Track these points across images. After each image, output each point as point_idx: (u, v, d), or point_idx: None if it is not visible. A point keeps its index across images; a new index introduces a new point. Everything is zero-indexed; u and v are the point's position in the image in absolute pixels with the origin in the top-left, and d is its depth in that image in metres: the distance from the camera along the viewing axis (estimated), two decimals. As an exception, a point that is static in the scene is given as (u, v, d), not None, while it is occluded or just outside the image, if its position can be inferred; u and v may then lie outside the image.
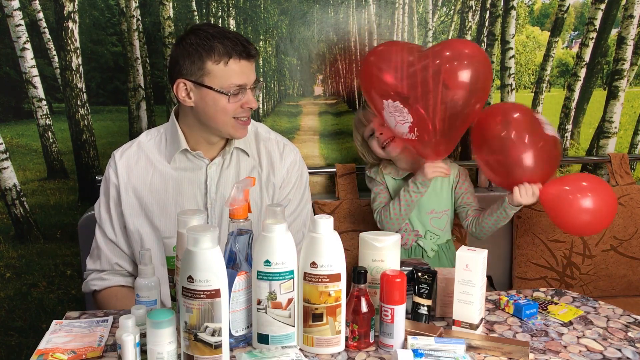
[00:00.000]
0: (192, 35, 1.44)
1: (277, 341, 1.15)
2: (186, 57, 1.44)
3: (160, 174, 1.56)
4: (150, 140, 1.60)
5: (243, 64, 1.45)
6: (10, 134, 2.09)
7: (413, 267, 1.30)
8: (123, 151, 1.59)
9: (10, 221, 2.13)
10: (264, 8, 2.13)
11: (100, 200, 1.60)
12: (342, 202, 2.11)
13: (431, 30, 2.22)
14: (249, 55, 1.45)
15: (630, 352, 1.19)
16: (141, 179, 1.55)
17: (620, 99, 2.37)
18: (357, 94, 2.25)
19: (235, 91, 1.45)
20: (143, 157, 1.57)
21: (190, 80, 1.45)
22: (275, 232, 1.12)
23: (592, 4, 2.28)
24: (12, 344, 2.19)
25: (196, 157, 1.55)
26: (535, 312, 1.35)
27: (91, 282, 1.59)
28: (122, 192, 1.55)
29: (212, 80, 1.44)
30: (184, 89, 1.47)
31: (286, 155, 1.64)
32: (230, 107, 1.46)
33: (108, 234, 1.58)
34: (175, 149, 1.54)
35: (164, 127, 1.62)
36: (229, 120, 1.48)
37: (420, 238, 1.87)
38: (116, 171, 1.56)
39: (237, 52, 1.43)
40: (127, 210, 1.55)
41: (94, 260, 1.61)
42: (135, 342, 1.07)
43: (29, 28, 2.01)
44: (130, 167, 1.56)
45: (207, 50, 1.42)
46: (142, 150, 1.59)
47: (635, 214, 2.25)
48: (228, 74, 1.43)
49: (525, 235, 2.20)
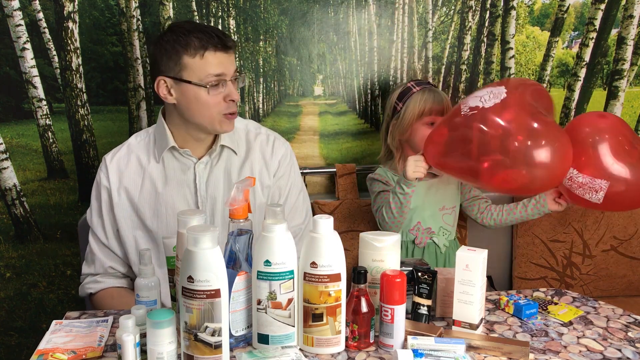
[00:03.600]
0: (169, 32, 1.45)
1: (277, 341, 1.15)
2: (164, 54, 1.45)
3: (150, 175, 1.56)
4: (140, 142, 1.60)
5: (219, 55, 1.44)
6: (10, 134, 2.09)
7: (413, 267, 1.30)
8: (113, 154, 1.59)
9: (10, 221, 2.13)
10: (264, 8, 2.13)
11: (92, 206, 1.61)
12: (342, 202, 2.11)
13: (431, 30, 2.22)
14: (225, 46, 1.44)
15: (630, 352, 1.19)
16: (132, 181, 1.56)
17: (620, 99, 2.37)
18: (356, 94, 2.25)
19: (214, 82, 1.44)
20: (134, 158, 1.58)
21: (169, 76, 1.45)
22: (275, 232, 1.12)
23: (592, 4, 2.28)
24: (12, 344, 2.19)
25: (184, 155, 1.55)
26: (535, 312, 1.35)
27: (86, 286, 1.61)
28: (114, 195, 1.56)
29: (190, 74, 1.44)
30: (165, 86, 1.47)
31: (277, 148, 1.64)
32: (212, 101, 1.45)
33: (101, 238, 1.59)
34: (163, 147, 1.54)
35: (152, 128, 1.63)
36: (214, 115, 1.47)
37: (434, 235, 1.87)
38: (107, 175, 1.57)
39: (212, 44, 1.42)
40: (120, 213, 1.56)
41: (88, 264, 1.62)
42: (135, 342, 1.07)
43: (29, 28, 2.01)
44: (121, 170, 1.57)
45: (183, 45, 1.42)
46: (132, 152, 1.59)
47: (635, 214, 2.25)
48: (204, 66, 1.43)
49: (525, 235, 2.20)
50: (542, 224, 2.20)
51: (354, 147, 2.27)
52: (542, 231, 2.20)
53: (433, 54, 2.24)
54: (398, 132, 1.80)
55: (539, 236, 2.20)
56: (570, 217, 2.22)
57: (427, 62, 2.24)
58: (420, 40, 2.22)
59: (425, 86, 1.79)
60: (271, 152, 1.63)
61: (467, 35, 2.23)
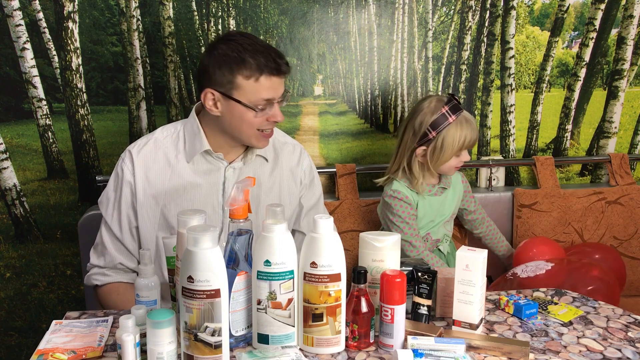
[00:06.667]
0: (224, 45, 1.42)
1: (277, 341, 1.15)
2: (216, 68, 1.42)
3: (179, 174, 1.53)
4: (166, 137, 1.56)
5: (274, 81, 1.43)
6: (10, 134, 2.09)
7: (413, 267, 1.30)
8: (140, 148, 1.55)
9: (10, 221, 2.13)
10: (264, 8, 2.13)
11: (109, 197, 1.56)
12: (342, 202, 2.11)
13: (431, 30, 2.22)
14: (280, 72, 1.43)
15: (630, 352, 1.19)
16: (159, 179, 1.52)
17: (620, 99, 2.37)
18: (356, 94, 2.25)
19: (263, 106, 1.44)
20: (161, 155, 1.54)
21: (219, 91, 1.43)
22: (275, 232, 1.12)
23: (592, 4, 2.28)
24: (12, 344, 2.19)
25: (216, 158, 1.54)
26: (535, 312, 1.35)
27: (93, 277, 1.57)
28: (138, 191, 1.52)
29: (241, 95, 1.42)
30: (212, 99, 1.45)
31: (303, 159, 1.67)
32: (256, 121, 1.46)
33: (115, 232, 1.55)
34: (197, 149, 1.52)
35: (181, 124, 1.59)
36: (252, 132, 1.47)
37: (439, 243, 1.89)
38: (133, 170, 1.52)
39: (268, 69, 1.41)
40: (143, 211, 1.52)
41: (97, 255, 1.58)
42: (135, 342, 1.07)
43: (29, 28, 2.01)
44: (148, 166, 1.53)
45: (238, 64, 1.40)
46: (159, 148, 1.55)
47: (635, 214, 2.25)
48: (258, 89, 1.42)
49: (525, 235, 2.20)
50: (542, 223, 2.20)
51: (354, 147, 2.27)
52: (542, 231, 2.20)
53: (433, 54, 2.24)
54: (432, 161, 1.77)
55: (539, 236, 2.20)
56: (570, 217, 2.22)
57: (427, 62, 2.24)
58: (420, 40, 2.22)
59: (459, 113, 1.74)
60: (297, 161, 1.65)
61: (467, 35, 2.24)
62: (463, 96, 2.29)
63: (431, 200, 1.83)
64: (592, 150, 2.41)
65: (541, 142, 2.38)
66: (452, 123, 1.72)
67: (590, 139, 2.40)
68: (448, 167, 1.79)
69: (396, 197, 1.79)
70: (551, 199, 2.22)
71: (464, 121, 1.74)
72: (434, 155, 1.76)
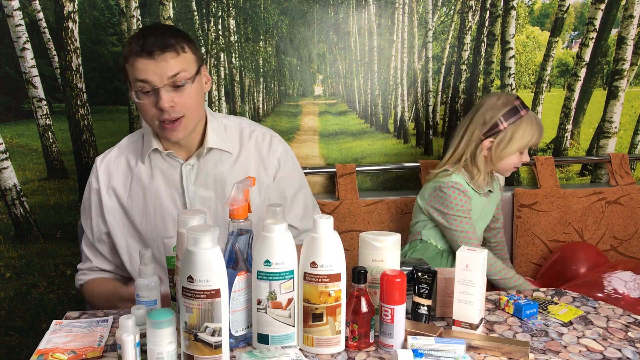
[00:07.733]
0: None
1: (277, 341, 1.15)
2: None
3: (137, 176, 1.56)
4: (130, 143, 1.61)
5: (142, 62, 1.39)
6: (10, 134, 2.09)
7: (413, 267, 1.30)
8: (104, 156, 1.60)
9: (10, 221, 2.13)
10: (264, 8, 2.13)
11: (83, 204, 1.63)
12: (342, 202, 2.11)
13: (431, 30, 2.22)
14: (145, 52, 1.39)
15: (630, 352, 1.19)
16: (121, 183, 1.57)
17: (620, 99, 2.37)
18: (356, 94, 2.25)
19: (140, 88, 1.41)
20: (123, 160, 1.58)
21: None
22: (275, 232, 1.12)
23: (592, 4, 2.28)
24: (12, 344, 2.19)
25: (170, 157, 1.55)
26: (535, 312, 1.35)
27: (77, 278, 1.66)
28: (104, 198, 1.56)
29: (128, 80, 1.46)
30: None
31: (275, 146, 1.62)
32: (151, 111, 1.43)
33: (89, 237, 1.62)
34: (148, 148, 1.54)
35: (144, 128, 1.61)
36: (155, 124, 1.46)
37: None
38: (97, 177, 1.58)
39: (134, 51, 1.40)
40: (111, 216, 1.57)
41: (82, 261, 1.66)
42: (135, 342, 1.07)
43: (29, 28, 2.01)
44: (110, 172, 1.58)
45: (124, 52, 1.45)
46: (122, 153, 1.60)
47: (635, 214, 2.25)
48: (132, 72, 1.42)
49: (525, 235, 2.20)
50: (542, 223, 2.20)
51: (354, 147, 2.27)
52: (542, 231, 2.20)
53: (433, 54, 2.24)
54: (496, 154, 1.78)
55: (539, 236, 2.20)
56: (570, 217, 2.22)
57: (427, 62, 2.24)
58: (420, 40, 2.22)
59: (528, 110, 1.79)
60: (268, 149, 1.61)
61: (467, 35, 2.23)
62: (463, 96, 2.29)
63: (481, 200, 1.85)
64: (592, 150, 2.41)
65: (541, 142, 2.38)
66: (524, 117, 1.77)
67: (590, 139, 2.40)
68: (508, 164, 1.80)
69: (458, 188, 1.78)
70: (551, 199, 2.21)
71: (534, 119, 1.79)
72: (499, 147, 1.77)
